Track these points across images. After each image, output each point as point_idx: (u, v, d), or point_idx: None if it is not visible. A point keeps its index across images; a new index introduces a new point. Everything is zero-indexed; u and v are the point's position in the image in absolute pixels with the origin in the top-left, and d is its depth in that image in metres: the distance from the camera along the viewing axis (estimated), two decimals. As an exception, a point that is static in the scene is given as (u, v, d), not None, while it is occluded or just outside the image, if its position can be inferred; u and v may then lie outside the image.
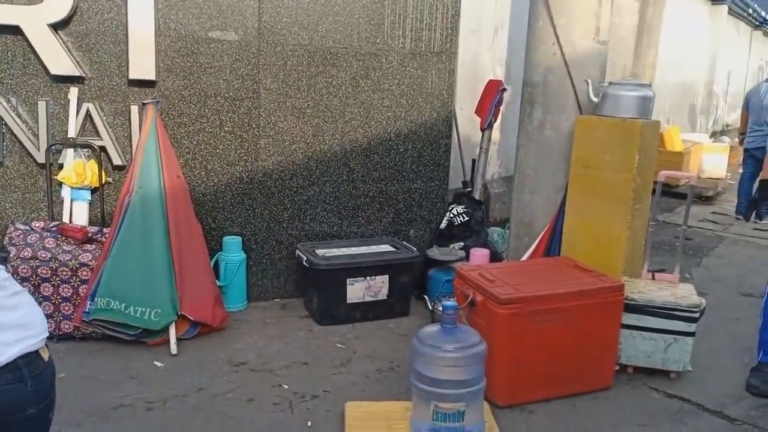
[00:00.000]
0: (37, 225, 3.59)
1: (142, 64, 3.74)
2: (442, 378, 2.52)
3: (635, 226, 3.61)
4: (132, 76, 3.74)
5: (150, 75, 3.77)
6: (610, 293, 3.18)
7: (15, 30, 3.49)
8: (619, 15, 5.97)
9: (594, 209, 3.66)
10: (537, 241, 3.98)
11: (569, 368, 3.14)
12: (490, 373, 2.76)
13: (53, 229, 3.59)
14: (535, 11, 3.96)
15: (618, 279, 3.33)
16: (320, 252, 4.04)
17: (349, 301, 3.95)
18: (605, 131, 3.62)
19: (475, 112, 5.00)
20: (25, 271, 3.42)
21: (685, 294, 3.41)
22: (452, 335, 2.58)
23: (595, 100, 3.76)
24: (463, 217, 4.48)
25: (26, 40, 3.52)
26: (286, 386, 3.17)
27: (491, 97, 4.83)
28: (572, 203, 3.77)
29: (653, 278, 3.64)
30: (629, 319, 3.31)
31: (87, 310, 3.43)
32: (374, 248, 4.20)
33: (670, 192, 8.06)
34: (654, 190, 3.76)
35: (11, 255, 3.44)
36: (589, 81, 3.80)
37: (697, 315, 3.29)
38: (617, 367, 3.35)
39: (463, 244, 4.39)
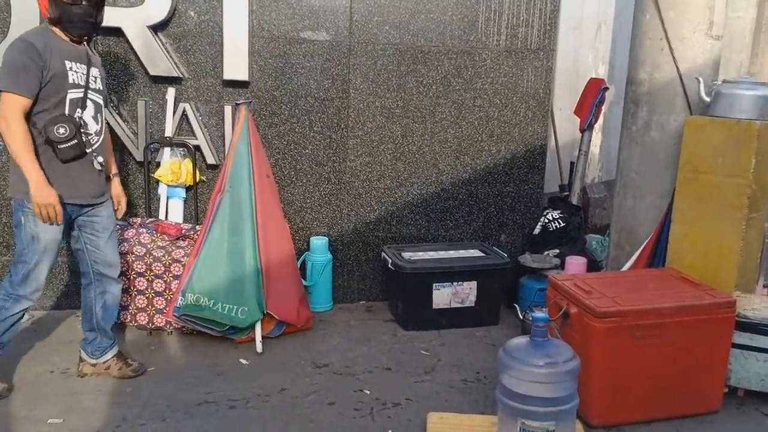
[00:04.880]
0: (135, 221, 3.71)
1: (236, 64, 3.79)
2: (531, 394, 2.36)
3: (750, 237, 3.29)
4: (226, 76, 3.80)
5: (243, 75, 3.81)
6: (720, 309, 2.91)
7: (117, 32, 3.62)
8: (735, 9, 5.53)
9: (704, 217, 3.36)
10: (639, 251, 3.71)
11: (672, 389, 2.89)
12: (584, 390, 2.57)
13: (149, 225, 3.69)
14: (642, 4, 3.70)
15: (729, 294, 3.04)
16: (406, 255, 3.95)
17: (435, 306, 3.84)
18: (718, 133, 3.32)
19: (575, 112, 4.77)
20: (122, 265, 3.53)
21: (807, 313, 3.07)
22: (542, 349, 2.42)
23: (707, 99, 3.46)
24: (559, 223, 4.26)
25: (127, 41, 3.64)
26: (368, 392, 3.10)
27: (592, 96, 4.58)
28: (679, 210, 3.49)
29: (770, 294, 3.31)
30: (741, 338, 3.02)
31: (178, 306, 3.50)
32: (462, 253, 4.06)
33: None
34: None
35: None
36: (701, 79, 3.50)
37: (821, 337, 2.96)
38: (726, 390, 3.06)
39: (558, 251, 4.16)
